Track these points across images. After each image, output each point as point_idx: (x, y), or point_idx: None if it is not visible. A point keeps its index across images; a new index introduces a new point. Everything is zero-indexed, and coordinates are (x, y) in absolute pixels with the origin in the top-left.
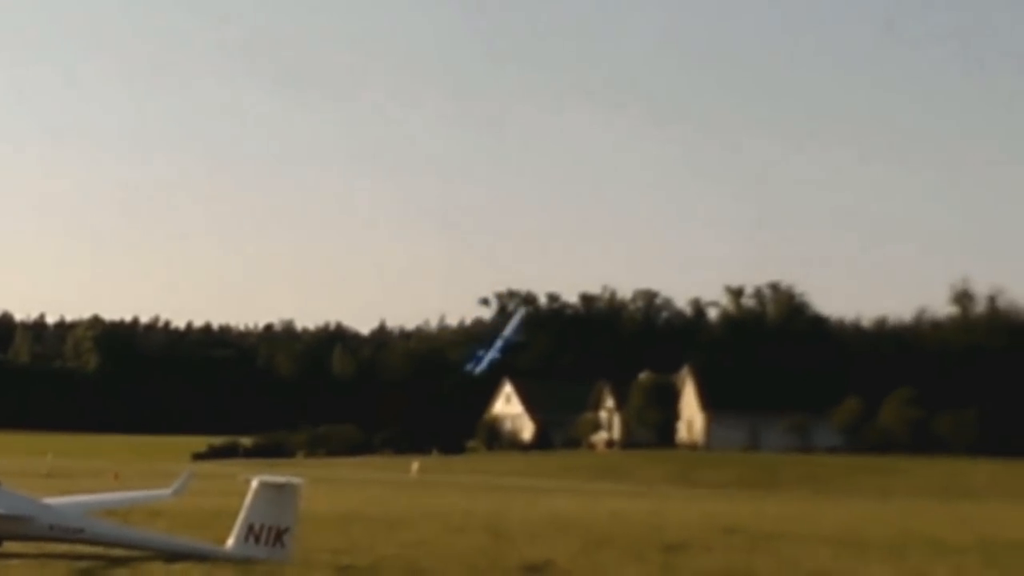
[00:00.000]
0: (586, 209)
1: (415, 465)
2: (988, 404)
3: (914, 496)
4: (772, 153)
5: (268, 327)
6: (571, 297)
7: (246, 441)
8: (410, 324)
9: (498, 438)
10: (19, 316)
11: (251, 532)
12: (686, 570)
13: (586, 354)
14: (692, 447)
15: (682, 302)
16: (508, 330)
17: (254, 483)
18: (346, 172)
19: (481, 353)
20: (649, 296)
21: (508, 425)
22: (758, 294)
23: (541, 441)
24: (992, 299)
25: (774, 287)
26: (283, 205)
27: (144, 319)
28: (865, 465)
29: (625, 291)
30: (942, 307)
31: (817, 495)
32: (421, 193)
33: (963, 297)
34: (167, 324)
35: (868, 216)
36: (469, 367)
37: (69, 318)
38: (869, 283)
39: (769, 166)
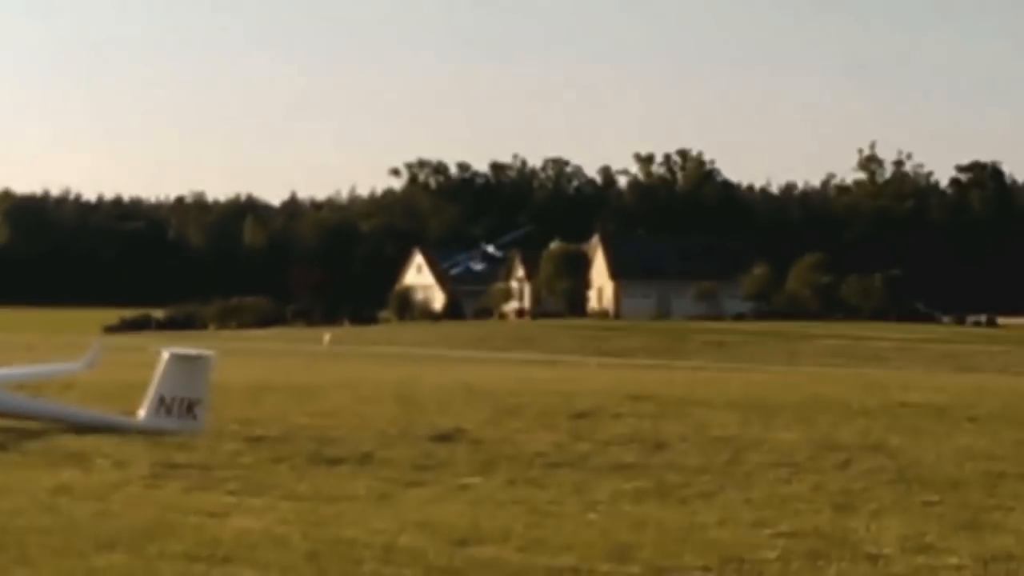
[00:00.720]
0: (497, 78)
1: (327, 336)
2: (895, 268)
3: (821, 361)
4: (680, 23)
5: (179, 199)
6: (481, 166)
7: (158, 313)
8: (321, 195)
9: (410, 308)
10: None
11: (162, 404)
12: (595, 437)
13: (497, 224)
14: (602, 316)
15: (592, 170)
16: (491, 246)
17: (165, 355)
18: (261, 46)
19: (461, 259)
20: (559, 164)
21: (420, 295)
22: (668, 162)
23: (452, 311)
24: (899, 164)
25: (683, 155)
26: (190, 78)
27: (54, 192)
28: (773, 331)
29: (535, 160)
30: (850, 173)
31: (726, 362)
32: (328, 62)
33: (870, 162)
34: (78, 197)
35: (774, 84)
36: (452, 269)
37: None
38: (777, 150)
39: (680, 37)
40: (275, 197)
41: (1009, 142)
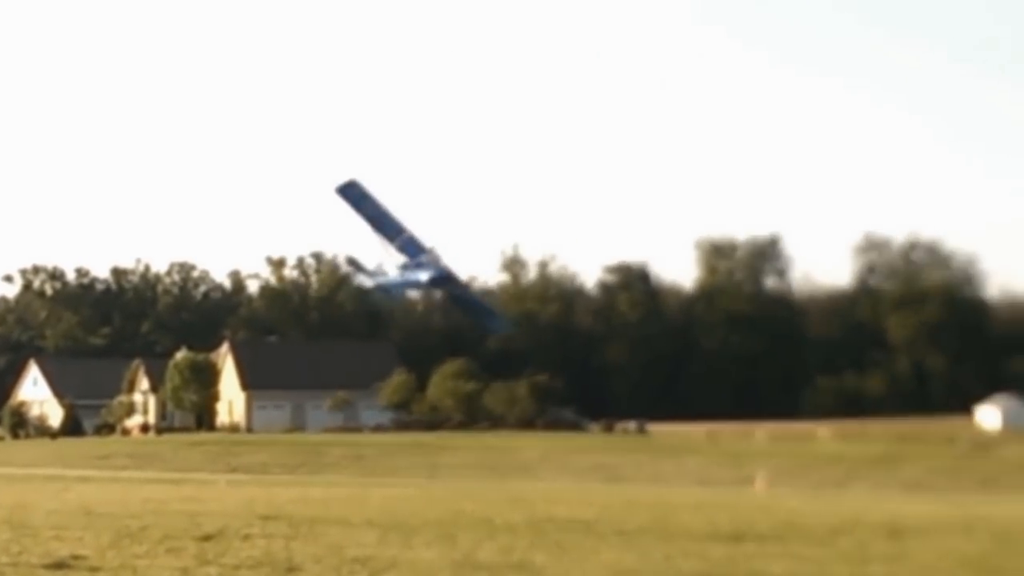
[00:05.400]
0: (117, 176)
1: None
2: (541, 374)
3: (464, 474)
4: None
5: None
6: (101, 271)
7: None
8: None
9: (24, 425)
10: None
11: None
12: (223, 560)
13: (119, 332)
14: (233, 429)
15: (221, 275)
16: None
17: None
18: None
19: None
20: (186, 269)
21: (35, 411)
22: (301, 265)
23: (72, 427)
24: (543, 265)
25: (318, 257)
26: None
27: None
28: (413, 443)
29: (160, 264)
30: (493, 274)
31: (364, 476)
32: None
33: (514, 264)
34: None
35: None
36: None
37: None
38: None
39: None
40: None
41: (655, 242)
